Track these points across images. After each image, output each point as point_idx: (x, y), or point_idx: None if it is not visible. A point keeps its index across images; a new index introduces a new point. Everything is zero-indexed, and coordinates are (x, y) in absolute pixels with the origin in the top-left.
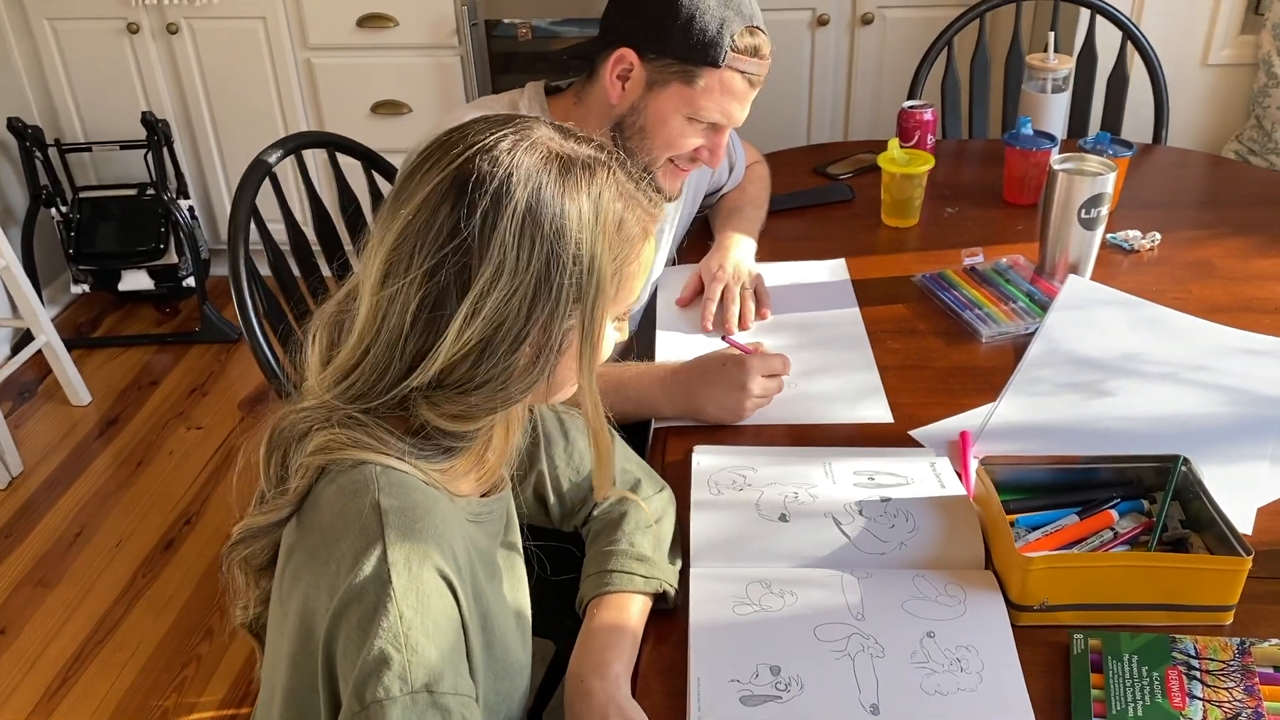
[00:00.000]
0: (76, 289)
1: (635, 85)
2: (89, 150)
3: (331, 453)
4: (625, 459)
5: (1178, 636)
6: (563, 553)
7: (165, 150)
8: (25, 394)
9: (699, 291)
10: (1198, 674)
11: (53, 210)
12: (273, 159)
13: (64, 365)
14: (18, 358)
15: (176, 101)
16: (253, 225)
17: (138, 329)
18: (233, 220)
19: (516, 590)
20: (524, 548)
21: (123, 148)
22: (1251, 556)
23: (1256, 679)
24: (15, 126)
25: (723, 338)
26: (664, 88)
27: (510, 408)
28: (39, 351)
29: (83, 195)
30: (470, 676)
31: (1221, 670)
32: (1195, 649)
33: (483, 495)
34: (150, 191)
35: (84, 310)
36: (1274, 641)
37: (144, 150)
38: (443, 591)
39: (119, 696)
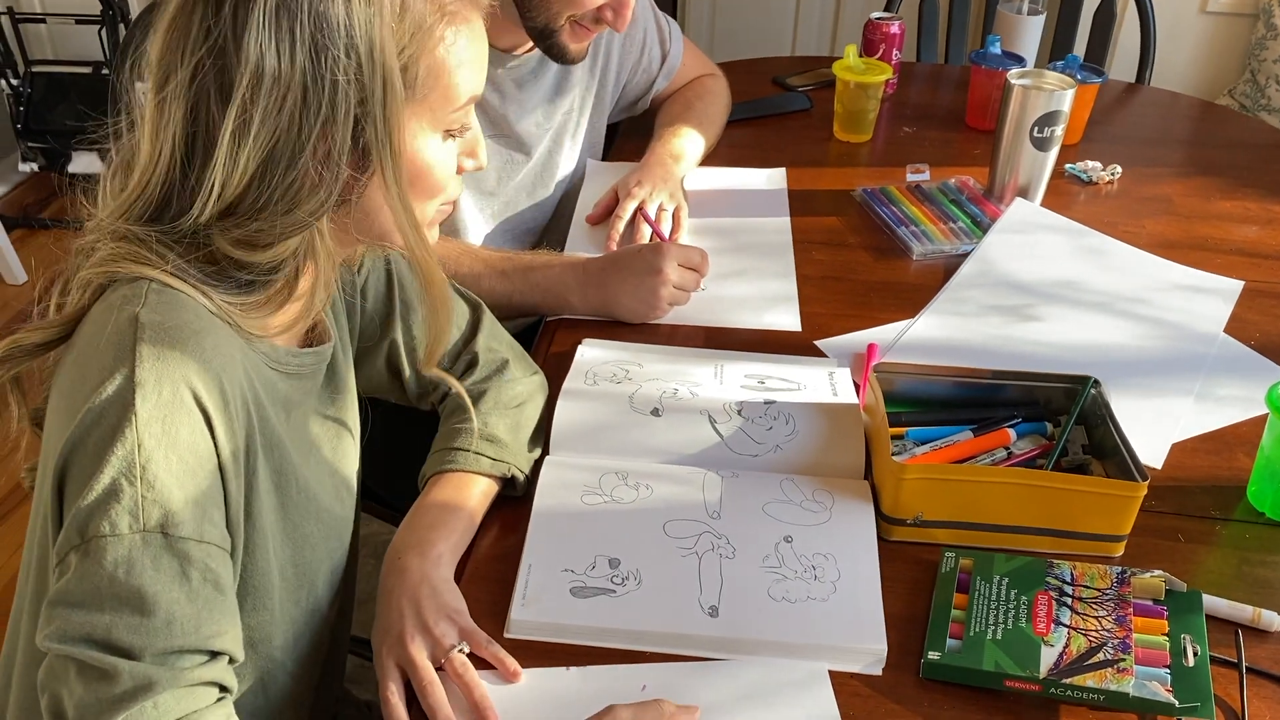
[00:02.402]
0: (25, 167)
1: None
2: (43, 22)
3: (111, 266)
4: (493, 338)
5: (1056, 562)
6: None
7: (122, 27)
8: None
9: (612, 209)
10: (1069, 600)
11: (2, 82)
12: None
13: (0, 242)
14: None
15: None
16: None
17: (87, 213)
18: (119, 67)
19: (337, 457)
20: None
21: (78, 22)
22: (1146, 483)
23: (1131, 610)
24: None
25: (639, 213)
26: None
27: (305, 230)
28: None
29: (36, 70)
30: (226, 529)
31: (1095, 599)
32: (1072, 575)
33: (302, 346)
34: (105, 70)
35: (33, 190)
36: (1156, 573)
37: (99, 26)
38: (196, 425)
39: (3, 582)
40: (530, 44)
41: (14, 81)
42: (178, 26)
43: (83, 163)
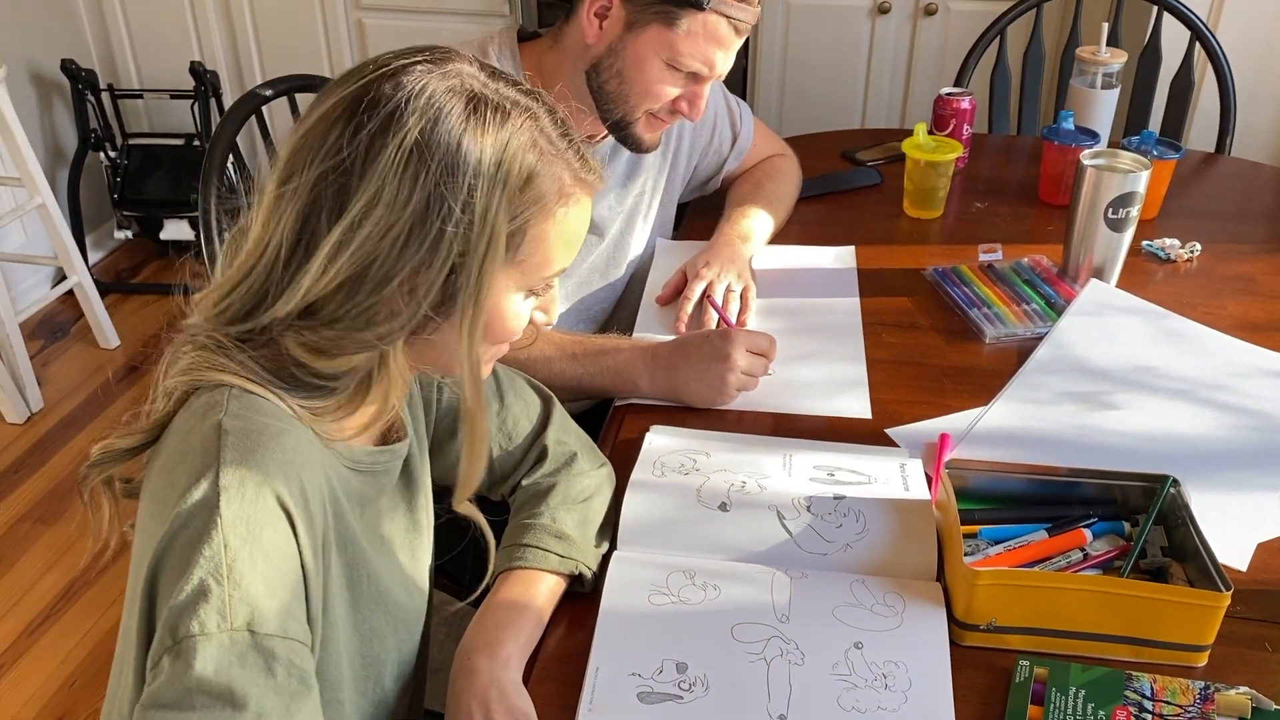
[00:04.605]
0: (120, 235)
1: (614, 25)
2: (140, 97)
3: (193, 374)
4: (563, 430)
5: (1135, 674)
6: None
7: (213, 101)
8: (58, 333)
9: (681, 289)
10: (1149, 717)
11: (101, 154)
12: (267, 94)
13: (94, 307)
14: (47, 296)
15: (229, 54)
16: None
17: (177, 278)
18: (210, 152)
19: (410, 552)
20: (437, 511)
21: (173, 97)
22: (1230, 592)
23: None
24: (69, 69)
25: (706, 297)
26: (643, 29)
27: (371, 351)
28: (77, 293)
29: (132, 142)
30: (308, 625)
31: (1177, 716)
32: (1152, 689)
33: (377, 445)
34: (196, 142)
35: (127, 256)
36: (1242, 689)
37: (191, 101)
38: (279, 525)
39: (98, 637)
40: (605, 131)
41: (112, 154)
42: (315, 134)
43: (174, 230)
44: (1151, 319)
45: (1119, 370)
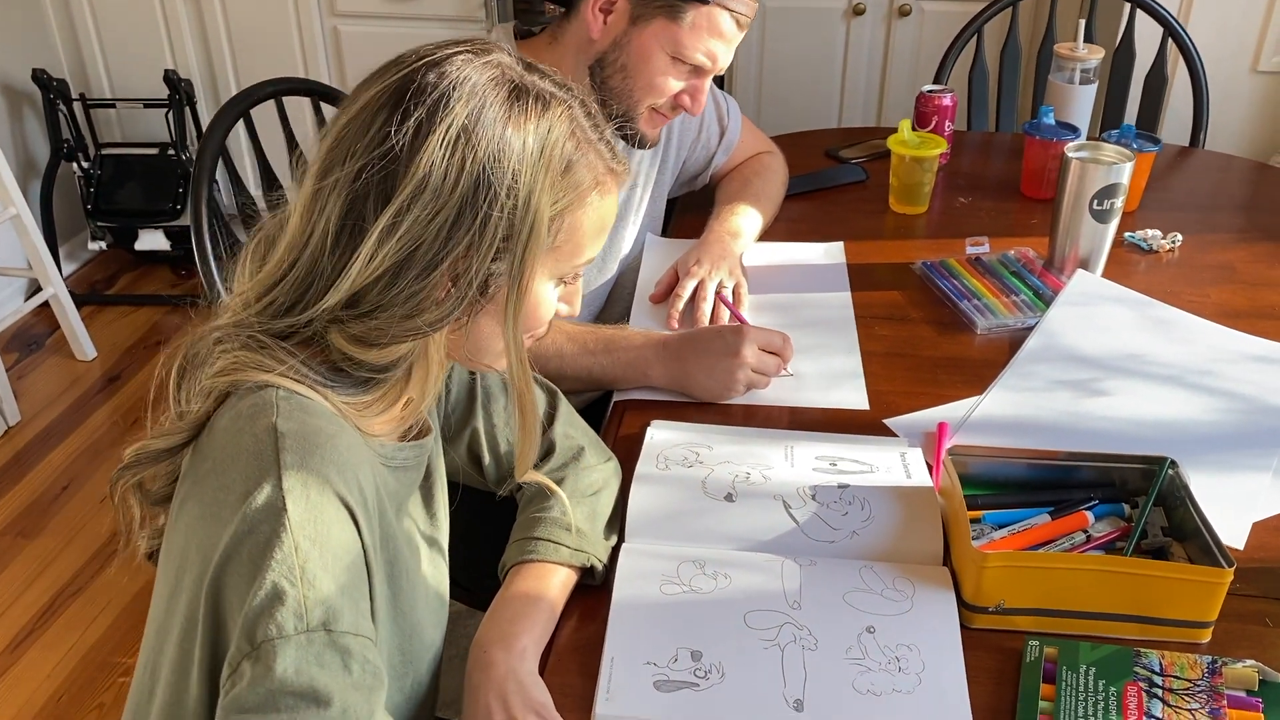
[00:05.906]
0: (94, 246)
1: (618, 19)
2: (113, 107)
3: (234, 374)
4: (570, 425)
5: (1143, 650)
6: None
7: (187, 110)
8: (34, 346)
9: (673, 287)
10: (1159, 692)
11: (74, 165)
12: (254, 98)
13: (70, 319)
14: (22, 308)
15: (202, 62)
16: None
17: (151, 289)
18: (200, 155)
19: (434, 547)
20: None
21: (146, 106)
22: (1233, 569)
23: (1224, 702)
24: (40, 78)
25: (717, 295)
26: (648, 23)
27: (419, 340)
28: (53, 304)
29: (105, 152)
30: (371, 622)
31: (1186, 690)
32: (1161, 665)
33: (402, 440)
34: (171, 151)
35: (102, 267)
36: (1249, 663)
37: (165, 110)
38: (344, 522)
39: (84, 650)
40: None
41: (85, 164)
42: (357, 124)
43: (149, 240)
44: (1138, 307)
45: (1109, 358)
